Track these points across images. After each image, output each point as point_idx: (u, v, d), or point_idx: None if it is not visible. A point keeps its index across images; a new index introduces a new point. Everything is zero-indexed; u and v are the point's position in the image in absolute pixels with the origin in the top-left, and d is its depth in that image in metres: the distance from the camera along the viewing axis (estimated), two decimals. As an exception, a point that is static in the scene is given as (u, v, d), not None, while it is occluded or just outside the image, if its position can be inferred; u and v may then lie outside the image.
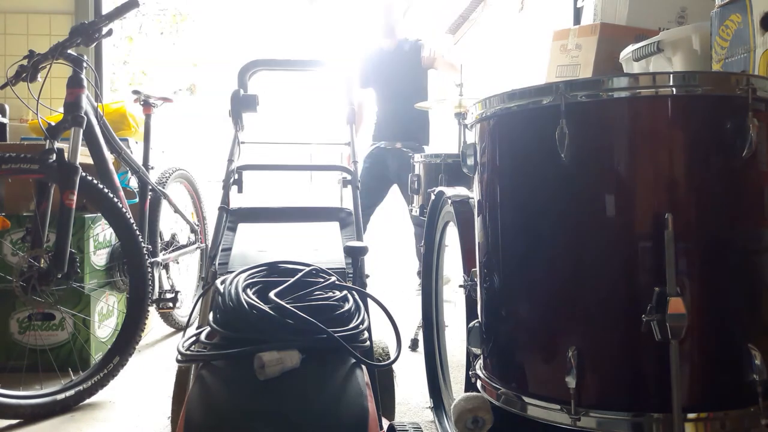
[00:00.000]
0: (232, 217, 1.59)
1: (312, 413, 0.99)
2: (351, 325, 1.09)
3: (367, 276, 1.40)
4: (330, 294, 1.13)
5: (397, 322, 1.18)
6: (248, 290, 1.10)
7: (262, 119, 2.18)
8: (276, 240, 1.50)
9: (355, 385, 1.04)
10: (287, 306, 1.05)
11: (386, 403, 1.33)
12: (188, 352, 1.08)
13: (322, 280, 1.17)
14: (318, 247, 1.45)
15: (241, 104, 1.75)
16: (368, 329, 1.14)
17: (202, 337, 1.10)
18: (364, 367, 1.08)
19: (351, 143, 1.79)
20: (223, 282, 1.13)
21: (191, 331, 1.17)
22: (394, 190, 3.27)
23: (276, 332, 1.04)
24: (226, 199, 1.59)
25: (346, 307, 1.12)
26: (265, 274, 1.19)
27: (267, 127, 3.28)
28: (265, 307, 1.05)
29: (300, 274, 1.17)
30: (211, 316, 1.10)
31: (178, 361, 1.10)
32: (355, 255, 1.38)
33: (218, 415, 0.98)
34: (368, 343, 1.13)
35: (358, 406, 1.00)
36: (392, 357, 1.16)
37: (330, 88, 2.68)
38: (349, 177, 1.64)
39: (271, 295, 1.07)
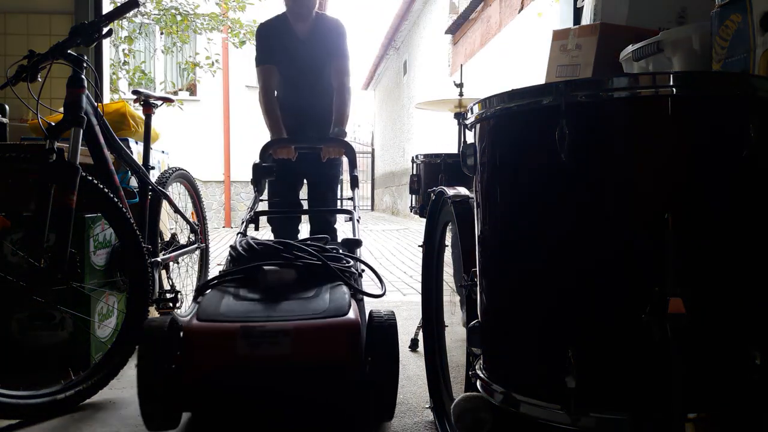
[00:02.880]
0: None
1: (301, 308, 1.31)
2: (344, 263, 1.54)
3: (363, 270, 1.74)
4: (329, 248, 1.58)
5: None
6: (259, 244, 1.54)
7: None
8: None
9: (339, 295, 1.38)
10: (291, 242, 1.48)
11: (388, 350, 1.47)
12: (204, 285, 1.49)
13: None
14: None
15: (261, 173, 2.30)
16: (359, 275, 1.59)
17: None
18: (347, 288, 1.45)
19: (353, 199, 2.30)
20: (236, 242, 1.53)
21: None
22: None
23: (278, 257, 1.45)
24: (244, 230, 2.02)
25: (342, 254, 1.57)
26: (276, 242, 1.57)
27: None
28: (272, 243, 1.48)
29: (308, 240, 1.64)
30: (225, 263, 1.51)
31: (195, 293, 1.51)
32: (351, 246, 1.77)
33: (222, 312, 1.29)
34: (358, 277, 1.57)
35: (342, 298, 1.36)
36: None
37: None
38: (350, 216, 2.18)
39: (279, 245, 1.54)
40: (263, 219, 2.42)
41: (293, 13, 2.78)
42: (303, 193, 2.88)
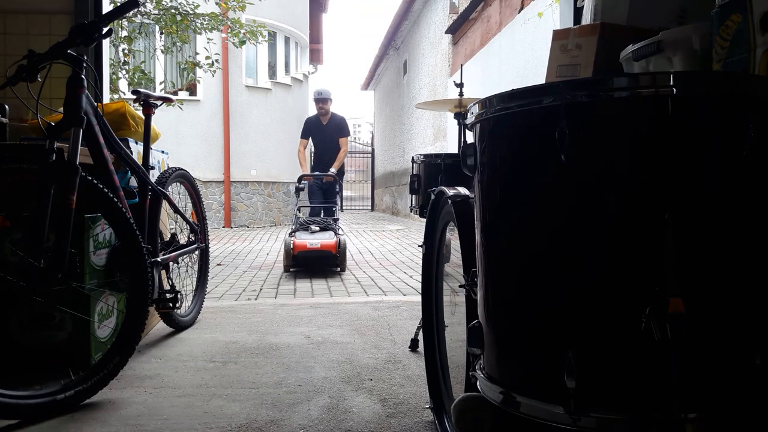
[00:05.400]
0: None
1: (322, 235, 5.29)
2: (333, 225, 5.57)
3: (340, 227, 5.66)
4: (329, 221, 5.66)
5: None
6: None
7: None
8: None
9: (332, 233, 5.37)
10: (319, 219, 5.67)
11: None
12: (292, 231, 5.50)
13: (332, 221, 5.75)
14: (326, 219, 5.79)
15: (298, 190, 5.77)
16: (338, 229, 5.51)
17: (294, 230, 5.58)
18: (334, 232, 5.39)
19: (338, 199, 6.18)
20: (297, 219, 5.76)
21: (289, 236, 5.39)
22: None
23: (316, 224, 5.54)
24: (296, 213, 5.82)
25: (332, 221, 5.67)
26: (314, 220, 5.72)
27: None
28: (313, 219, 5.69)
29: (324, 217, 5.92)
30: (295, 225, 5.59)
31: (290, 233, 5.41)
32: (336, 220, 5.75)
33: (303, 238, 5.21)
34: (338, 231, 5.46)
35: (333, 236, 5.29)
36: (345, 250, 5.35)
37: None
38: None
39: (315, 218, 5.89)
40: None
41: (320, 114, 6.43)
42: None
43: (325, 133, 6.35)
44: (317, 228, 5.38)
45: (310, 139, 6.58)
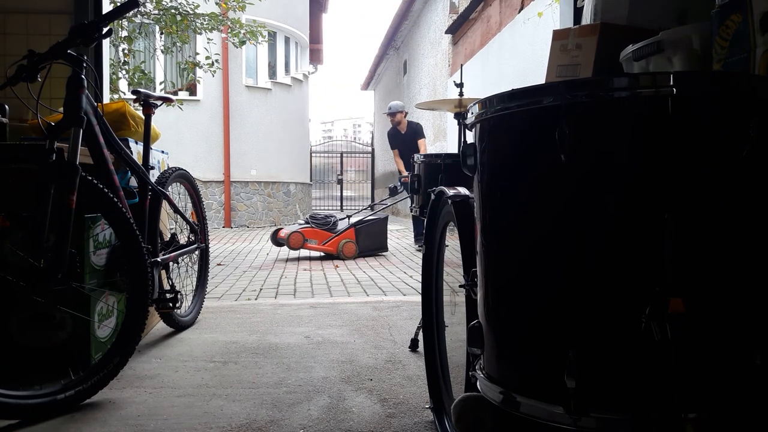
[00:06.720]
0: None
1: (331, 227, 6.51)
2: (340, 222, 6.56)
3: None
4: (337, 219, 6.64)
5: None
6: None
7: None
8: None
9: (336, 229, 6.47)
10: (319, 215, 6.53)
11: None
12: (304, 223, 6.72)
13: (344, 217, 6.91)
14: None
15: (394, 190, 6.60)
16: (355, 224, 6.51)
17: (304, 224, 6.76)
18: (331, 227, 6.44)
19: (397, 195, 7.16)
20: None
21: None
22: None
23: (315, 220, 6.54)
24: (370, 206, 9.14)
25: (337, 218, 6.66)
26: (316, 215, 6.66)
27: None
28: (318, 215, 6.58)
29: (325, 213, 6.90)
30: (309, 218, 6.61)
31: (302, 222, 6.78)
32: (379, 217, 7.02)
33: (302, 230, 6.30)
34: (336, 223, 6.52)
35: (335, 230, 6.45)
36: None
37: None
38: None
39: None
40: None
41: (396, 126, 7.32)
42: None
43: (405, 141, 7.28)
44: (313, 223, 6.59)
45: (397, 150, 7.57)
